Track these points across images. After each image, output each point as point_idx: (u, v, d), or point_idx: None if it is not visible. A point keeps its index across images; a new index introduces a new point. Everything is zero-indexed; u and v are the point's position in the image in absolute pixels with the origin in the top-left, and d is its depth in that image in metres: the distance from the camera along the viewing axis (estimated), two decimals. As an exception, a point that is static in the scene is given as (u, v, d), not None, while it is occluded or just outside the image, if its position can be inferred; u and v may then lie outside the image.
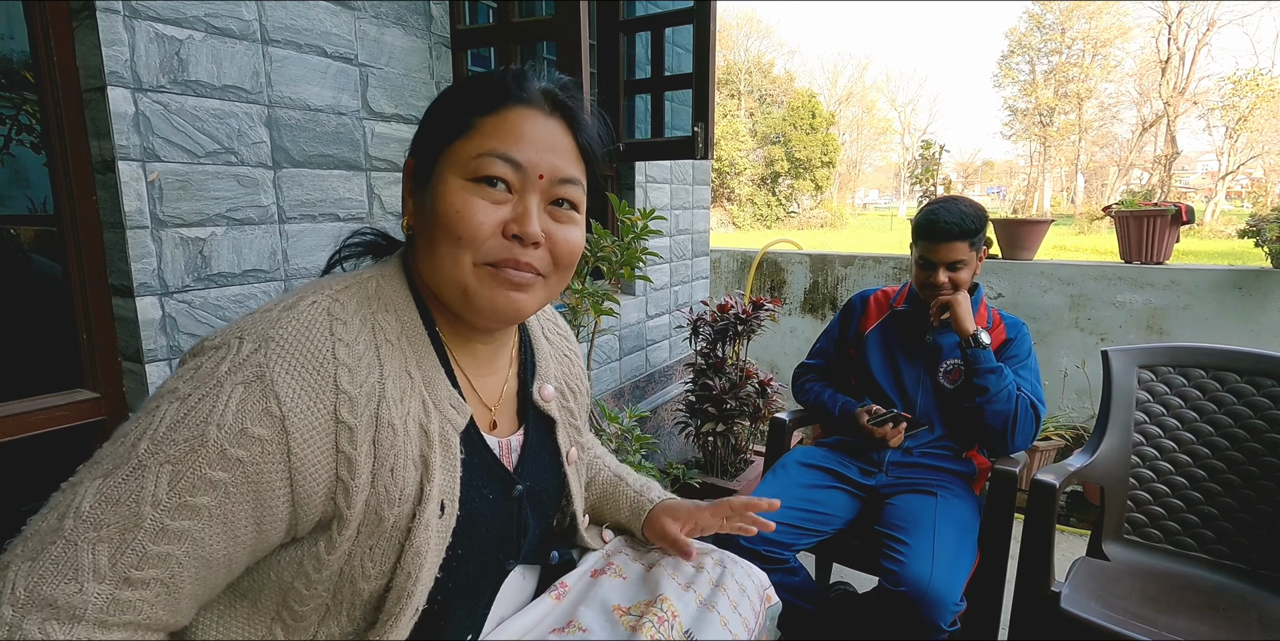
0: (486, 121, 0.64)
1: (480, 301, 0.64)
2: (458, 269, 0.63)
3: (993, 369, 1.52)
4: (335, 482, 0.57)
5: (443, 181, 0.63)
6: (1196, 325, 2.76)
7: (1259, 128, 22.06)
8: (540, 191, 0.65)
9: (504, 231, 0.63)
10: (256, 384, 0.54)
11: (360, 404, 0.58)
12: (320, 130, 1.39)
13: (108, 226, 1.12)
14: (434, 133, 0.67)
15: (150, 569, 0.51)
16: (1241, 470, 1.53)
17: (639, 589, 0.82)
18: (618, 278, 2.00)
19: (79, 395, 1.13)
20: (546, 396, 0.80)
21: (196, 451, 0.52)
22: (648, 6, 2.69)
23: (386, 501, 0.59)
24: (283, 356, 0.56)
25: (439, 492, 0.62)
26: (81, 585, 0.49)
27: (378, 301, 0.64)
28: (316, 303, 0.61)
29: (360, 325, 0.61)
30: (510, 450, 0.75)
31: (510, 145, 0.63)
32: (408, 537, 0.61)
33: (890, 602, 1.31)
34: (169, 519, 0.51)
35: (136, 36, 1.08)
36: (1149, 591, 1.40)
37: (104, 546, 0.49)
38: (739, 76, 28.62)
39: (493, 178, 0.63)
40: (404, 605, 0.61)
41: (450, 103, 0.67)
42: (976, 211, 1.58)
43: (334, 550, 0.58)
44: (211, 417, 0.52)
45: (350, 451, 0.57)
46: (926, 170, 4.25)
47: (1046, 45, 28.75)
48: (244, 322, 0.58)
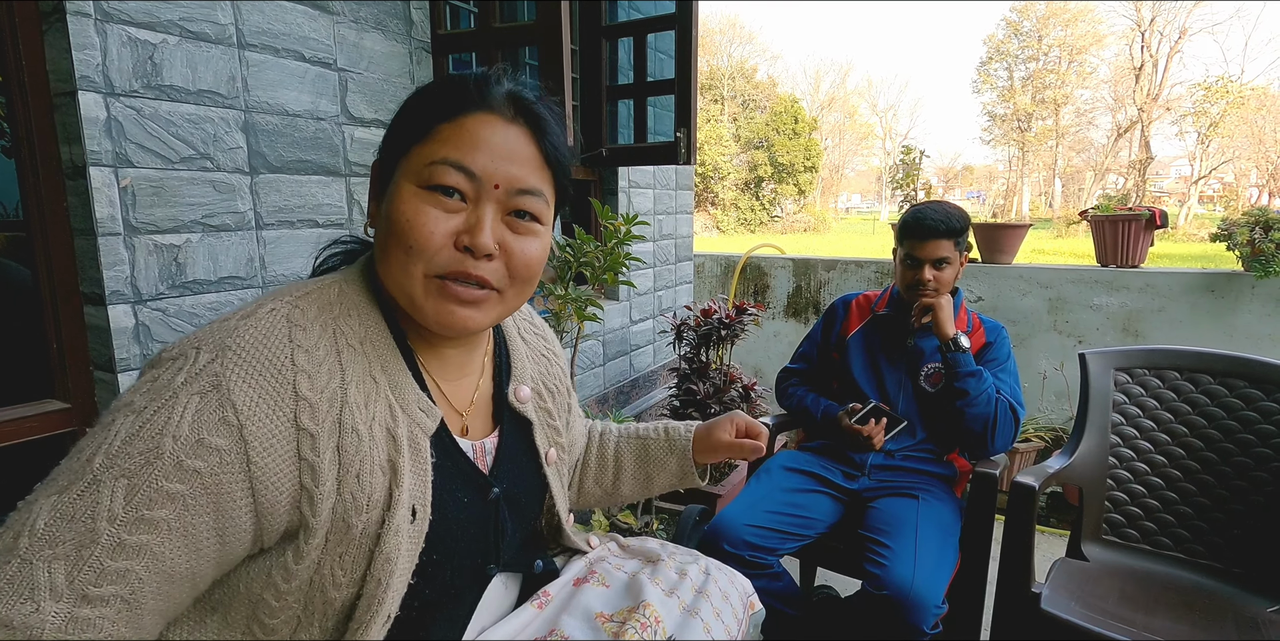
0: (445, 128, 0.62)
1: (427, 315, 0.63)
2: (407, 278, 0.62)
3: (972, 372, 1.54)
4: (299, 491, 0.56)
5: (398, 187, 0.62)
6: (1171, 327, 2.81)
7: (1230, 133, 22.56)
8: (496, 201, 0.63)
9: (455, 242, 0.61)
10: (212, 393, 0.53)
11: (322, 410, 0.57)
12: (298, 135, 1.37)
13: (79, 233, 1.10)
14: (397, 136, 0.66)
15: (109, 585, 0.49)
16: (1215, 470, 1.55)
17: (622, 596, 0.81)
18: (601, 283, 1.99)
19: (49, 405, 1.11)
20: (522, 398, 0.79)
21: (152, 464, 0.51)
22: (630, 12, 2.69)
23: (354, 508, 0.58)
24: (239, 364, 0.55)
25: (409, 497, 0.61)
26: (38, 604, 0.47)
27: (339, 306, 0.63)
28: (275, 310, 0.59)
29: (321, 330, 0.60)
30: (485, 453, 0.74)
31: (464, 154, 0.61)
32: (378, 544, 0.60)
33: (873, 606, 1.31)
34: (126, 533, 0.50)
35: (109, 40, 1.07)
36: (1127, 591, 1.41)
37: (60, 564, 0.48)
38: (722, 81, 28.77)
39: (446, 186, 0.61)
40: (375, 612, 0.60)
41: (414, 107, 0.66)
42: (960, 213, 1.61)
43: (302, 559, 0.57)
44: (167, 429, 0.51)
45: (313, 458, 0.56)
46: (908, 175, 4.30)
47: (1024, 52, 29.22)
48: (202, 333, 0.57)
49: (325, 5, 1.41)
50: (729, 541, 1.42)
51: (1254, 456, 1.51)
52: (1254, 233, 2.56)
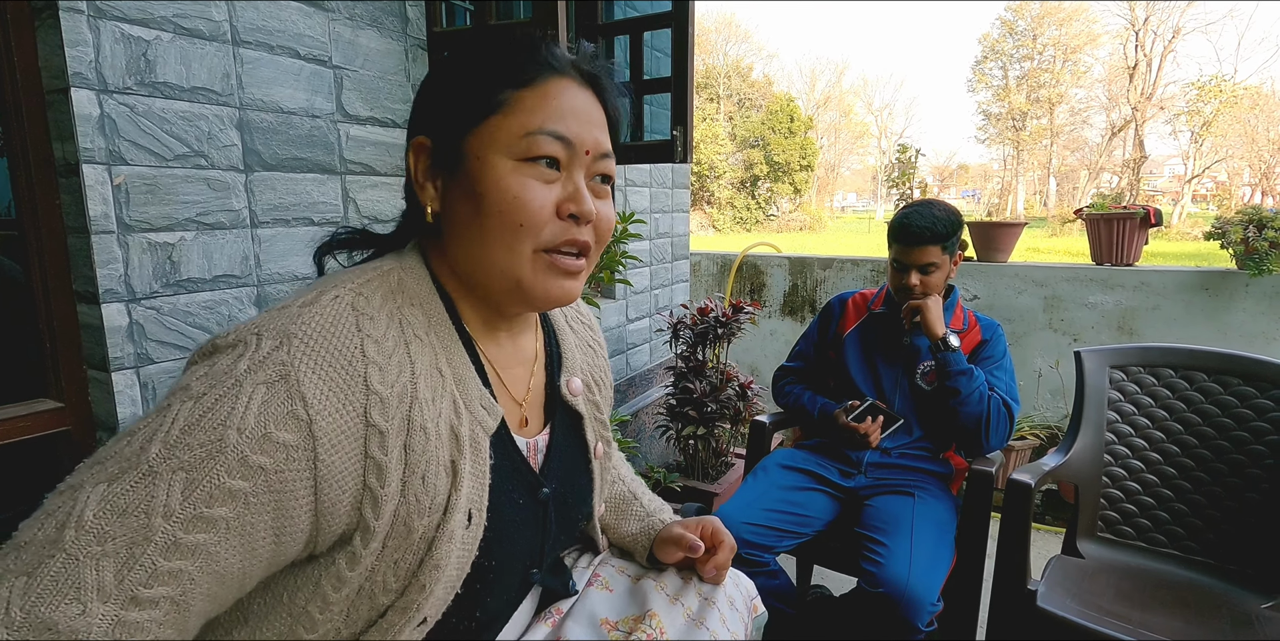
0: (524, 95, 0.60)
1: (535, 292, 0.62)
2: (514, 257, 0.60)
3: (963, 371, 1.54)
4: (362, 491, 0.53)
5: (485, 164, 0.59)
6: (1165, 325, 2.82)
7: (1223, 132, 22.68)
8: (585, 167, 0.62)
9: (559, 212, 0.61)
10: (280, 384, 0.49)
11: (392, 405, 0.54)
12: (293, 133, 1.37)
13: (72, 231, 1.09)
14: (456, 108, 0.62)
15: (160, 586, 0.46)
16: (1210, 467, 1.56)
17: (627, 602, 0.80)
18: (598, 281, 1.99)
19: (42, 405, 1.10)
20: (575, 390, 0.76)
21: (214, 458, 0.47)
22: (626, 9, 2.69)
23: (417, 511, 0.55)
24: (308, 354, 0.51)
25: (466, 501, 0.58)
26: (85, 606, 0.43)
27: (402, 294, 0.61)
28: (339, 297, 0.56)
29: (388, 320, 0.57)
30: (537, 450, 0.71)
31: (558, 121, 0.60)
32: (429, 550, 0.56)
33: (869, 603, 1.31)
34: (182, 532, 0.46)
35: (102, 37, 1.06)
36: (1123, 588, 1.42)
37: (109, 561, 0.45)
38: (718, 80, 28.78)
39: (545, 157, 0.60)
40: (408, 617, 0.57)
41: (469, 74, 0.62)
42: (950, 216, 1.59)
43: (356, 565, 0.54)
44: (230, 421, 0.47)
45: (381, 457, 0.53)
46: (903, 174, 4.31)
47: (1019, 51, 29.32)
48: (261, 320, 0.54)
49: (320, 3, 1.40)
50: (726, 539, 1.42)
51: (1248, 453, 1.52)
52: (1247, 231, 2.57)
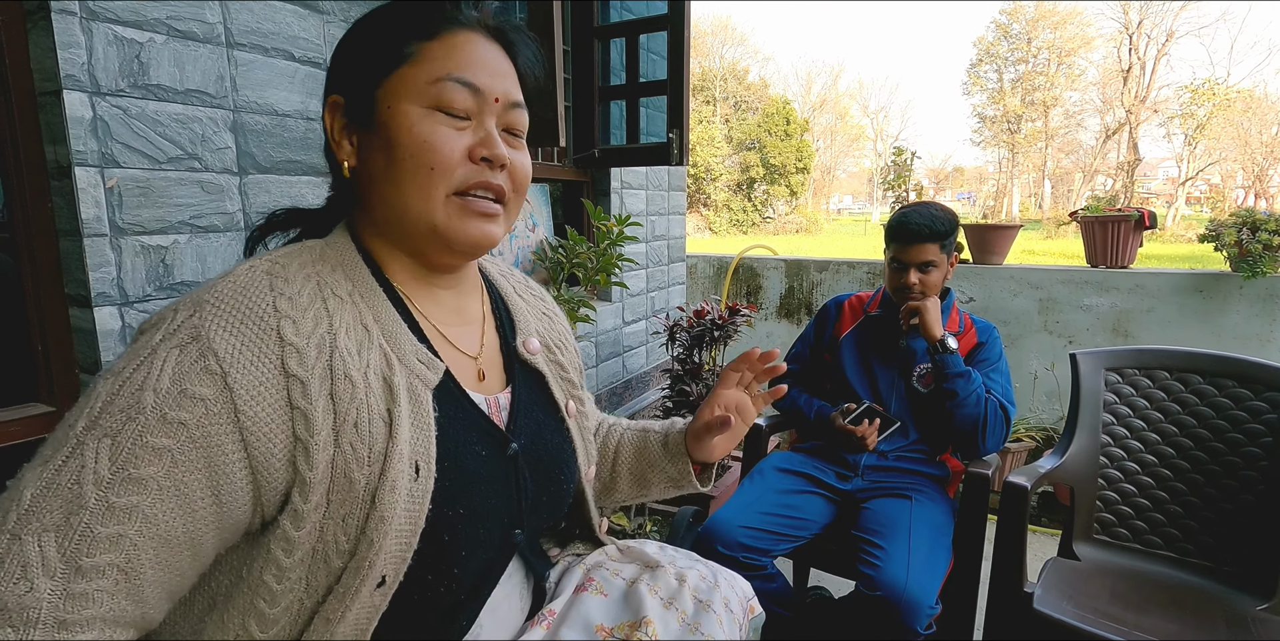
0: (431, 46, 0.62)
1: (453, 234, 0.63)
2: (428, 202, 0.61)
3: (961, 373, 1.54)
4: (294, 442, 0.54)
5: (396, 113, 0.61)
6: (1160, 327, 2.83)
7: (1216, 135, 22.81)
8: (495, 116, 0.64)
9: (470, 156, 0.62)
10: (192, 345, 0.51)
11: (310, 356, 0.55)
12: (288, 136, 1.36)
13: (64, 234, 1.08)
14: (366, 63, 0.64)
15: (102, 554, 0.47)
16: (1205, 469, 1.56)
17: (621, 608, 0.79)
18: (594, 284, 1.99)
19: (33, 409, 1.09)
20: (532, 349, 0.77)
21: (135, 420, 0.49)
22: (622, 12, 2.69)
23: (355, 460, 0.55)
24: (218, 315, 0.53)
25: (410, 451, 0.58)
26: (32, 583, 0.45)
27: (323, 262, 0.62)
28: (254, 266, 0.58)
29: (303, 281, 0.59)
30: (500, 408, 0.71)
31: (465, 69, 0.62)
32: (373, 502, 0.56)
33: (867, 607, 1.31)
34: (114, 495, 0.47)
35: (94, 39, 1.05)
36: (1119, 590, 1.42)
37: (50, 535, 0.46)
38: (714, 83, 28.84)
39: (453, 104, 0.61)
40: (363, 576, 0.56)
41: (377, 30, 0.64)
42: (947, 215, 1.60)
43: (302, 524, 0.54)
44: (147, 383, 0.50)
45: (305, 406, 0.54)
46: (899, 176, 4.32)
47: (1013, 54, 29.45)
48: (181, 297, 0.56)
49: (315, 4, 1.40)
50: (723, 543, 1.42)
51: (1243, 455, 1.52)
52: (1241, 234, 2.58)
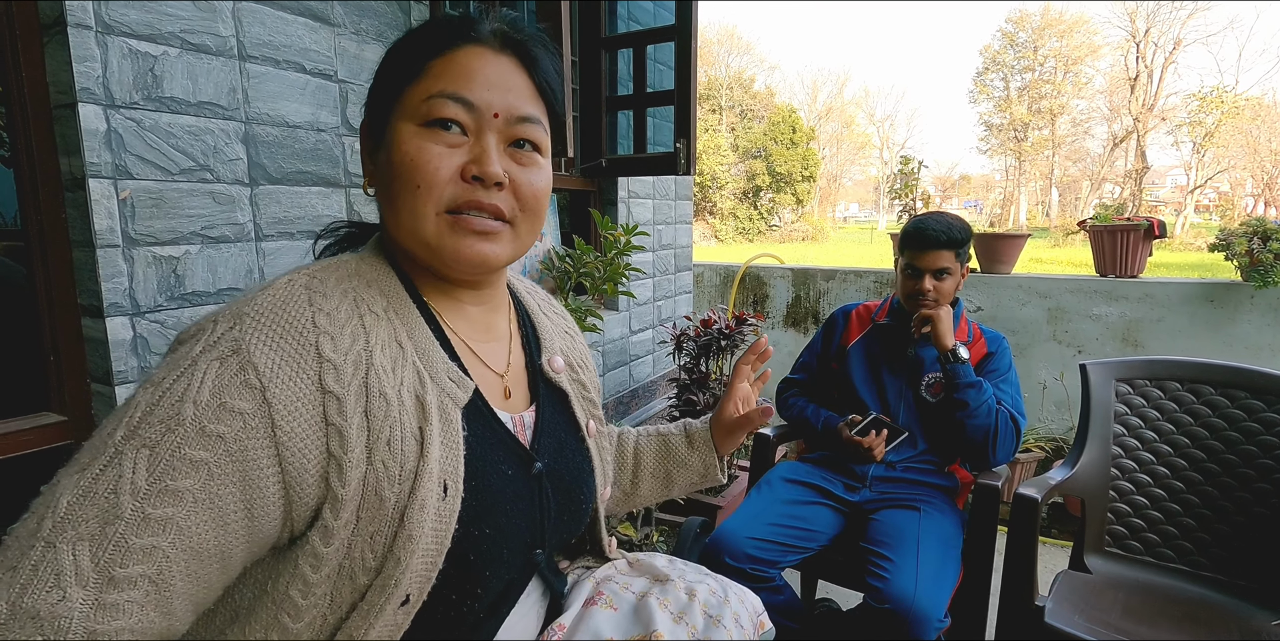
0: (435, 64, 0.62)
1: (445, 253, 0.62)
2: (418, 221, 0.61)
3: (972, 383, 1.53)
4: (327, 458, 0.54)
5: (395, 131, 0.61)
6: (1170, 337, 2.81)
7: (1225, 143, 22.70)
8: (497, 131, 0.62)
9: (463, 174, 0.61)
10: (232, 358, 0.52)
11: (347, 372, 0.56)
12: (299, 147, 1.38)
13: (77, 245, 1.09)
14: (384, 85, 0.64)
15: (135, 565, 0.47)
16: (1218, 481, 1.54)
17: (631, 622, 0.79)
18: (601, 293, 1.99)
19: (45, 418, 1.10)
20: (557, 368, 0.78)
21: (174, 431, 0.49)
22: (629, 23, 2.71)
23: (386, 478, 0.56)
24: (258, 329, 0.54)
25: (439, 470, 0.58)
26: (65, 592, 0.45)
27: (358, 278, 0.62)
28: (293, 280, 0.59)
29: (341, 297, 0.59)
30: (525, 426, 0.72)
31: (460, 84, 0.61)
32: (402, 520, 0.56)
33: (875, 619, 1.30)
34: (150, 507, 0.47)
35: (109, 52, 1.07)
36: (1130, 604, 1.40)
37: (84, 545, 0.46)
38: (720, 92, 28.94)
39: (445, 120, 0.60)
40: (388, 594, 0.56)
41: (400, 51, 0.65)
42: (962, 224, 1.62)
43: (331, 539, 0.54)
44: (187, 396, 0.50)
45: (340, 423, 0.54)
46: (906, 185, 4.32)
47: (1020, 62, 29.47)
48: (219, 309, 0.57)
49: (326, 17, 1.42)
50: (730, 554, 1.41)
51: (1257, 468, 1.50)
52: (1252, 243, 2.56)
